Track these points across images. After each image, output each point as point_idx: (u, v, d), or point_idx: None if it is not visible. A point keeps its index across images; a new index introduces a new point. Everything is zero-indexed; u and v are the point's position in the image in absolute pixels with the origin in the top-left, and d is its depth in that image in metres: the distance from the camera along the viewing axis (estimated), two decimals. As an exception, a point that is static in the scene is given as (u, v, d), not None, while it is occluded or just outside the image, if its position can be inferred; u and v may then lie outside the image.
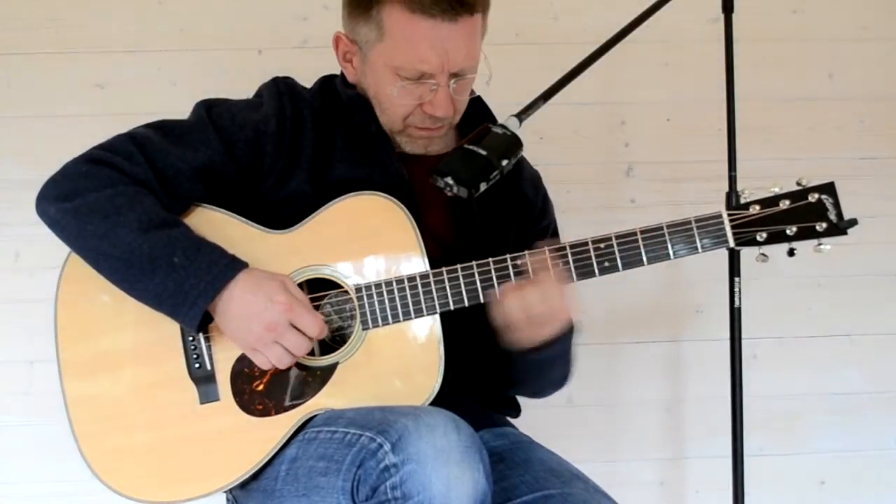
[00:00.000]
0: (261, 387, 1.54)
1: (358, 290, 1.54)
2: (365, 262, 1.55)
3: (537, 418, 1.85)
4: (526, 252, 1.53)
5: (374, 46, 1.58)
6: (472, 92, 1.66)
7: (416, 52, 1.54)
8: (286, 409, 1.53)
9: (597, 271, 1.52)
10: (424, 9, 1.52)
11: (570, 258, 1.52)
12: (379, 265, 1.54)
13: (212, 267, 1.47)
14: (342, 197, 1.56)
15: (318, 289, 1.56)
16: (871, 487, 2.46)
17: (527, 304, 1.50)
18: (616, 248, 1.52)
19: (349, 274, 1.55)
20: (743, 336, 1.81)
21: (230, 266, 1.48)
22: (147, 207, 1.50)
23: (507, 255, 1.53)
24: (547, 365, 1.64)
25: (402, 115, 1.61)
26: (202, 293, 1.46)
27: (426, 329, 1.53)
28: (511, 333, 1.55)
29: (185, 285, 1.46)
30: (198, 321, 1.47)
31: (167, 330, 1.54)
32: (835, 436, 2.45)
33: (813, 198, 1.50)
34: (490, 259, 1.53)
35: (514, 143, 1.55)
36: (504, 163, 1.53)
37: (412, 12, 1.52)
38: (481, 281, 1.52)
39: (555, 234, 1.80)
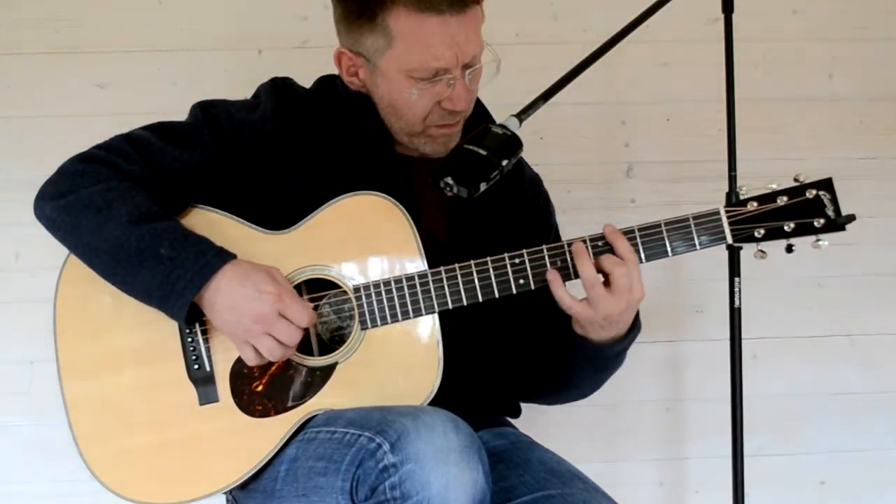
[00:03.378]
0: (260, 387, 1.54)
1: (356, 290, 1.54)
2: (363, 262, 1.55)
3: (537, 418, 1.86)
4: (524, 251, 1.52)
5: (383, 54, 1.57)
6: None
7: (430, 51, 1.53)
8: (285, 410, 1.53)
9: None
10: (433, 6, 1.51)
11: (569, 256, 1.52)
12: (377, 265, 1.54)
13: (199, 258, 1.47)
14: (340, 197, 1.56)
15: (317, 289, 1.56)
16: (871, 487, 2.46)
17: (607, 266, 1.48)
18: (614, 246, 1.52)
19: (348, 274, 1.55)
20: (743, 336, 1.81)
21: (217, 257, 1.48)
22: (138, 202, 1.50)
23: (505, 255, 1.52)
24: (616, 362, 1.62)
25: (421, 116, 1.61)
26: (189, 284, 1.45)
27: (425, 328, 1.53)
28: (588, 313, 1.50)
29: (171, 276, 1.45)
30: (185, 313, 1.47)
31: (166, 331, 1.54)
32: (835, 436, 2.45)
33: (810, 194, 1.50)
34: (488, 258, 1.53)
35: (514, 142, 1.55)
36: (504, 163, 1.53)
37: (420, 12, 1.52)
38: (479, 280, 1.52)
39: (556, 237, 1.80)
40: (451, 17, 1.52)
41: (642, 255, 1.52)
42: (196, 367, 1.55)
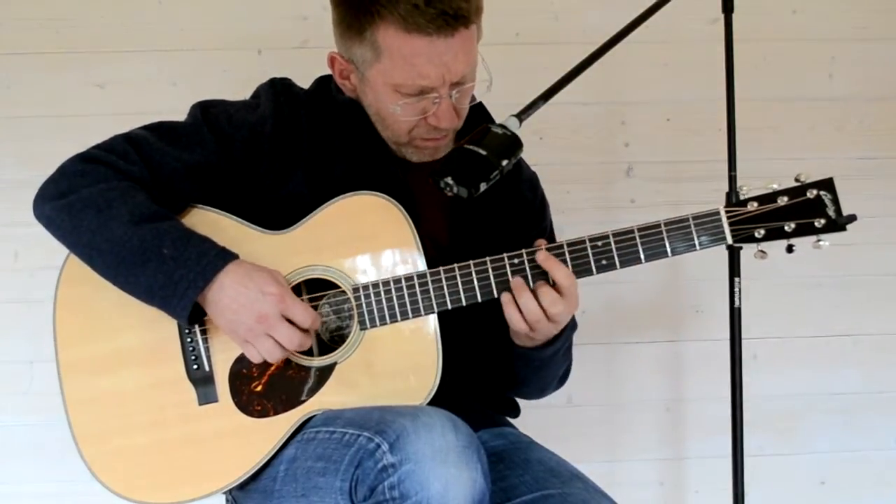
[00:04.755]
0: (259, 387, 1.54)
1: (356, 290, 1.54)
2: (362, 261, 1.55)
3: (537, 418, 1.85)
4: (523, 251, 1.53)
5: (371, 66, 1.57)
6: (473, 98, 1.66)
7: (416, 69, 1.52)
8: (284, 410, 1.53)
9: (594, 269, 1.52)
10: (420, 28, 1.49)
11: (568, 256, 1.52)
12: (377, 265, 1.54)
13: (201, 258, 1.47)
14: (339, 197, 1.56)
15: (317, 289, 1.56)
16: (871, 487, 2.46)
17: (546, 303, 1.50)
18: (613, 246, 1.51)
19: (347, 274, 1.55)
20: (743, 336, 1.81)
21: (220, 256, 1.48)
22: (139, 201, 1.50)
23: (504, 255, 1.52)
24: (552, 361, 1.64)
25: (406, 129, 1.60)
26: (192, 284, 1.46)
27: (424, 329, 1.53)
28: (524, 333, 1.54)
29: (174, 276, 1.46)
30: (188, 312, 1.47)
31: (166, 331, 1.54)
32: (835, 436, 2.45)
33: (811, 194, 1.49)
34: (487, 258, 1.53)
35: (513, 142, 1.54)
36: (504, 163, 1.52)
37: (408, 32, 1.50)
38: (478, 281, 1.52)
39: (551, 236, 1.80)
40: (438, 39, 1.50)
41: (642, 256, 1.52)
42: (195, 367, 1.55)
